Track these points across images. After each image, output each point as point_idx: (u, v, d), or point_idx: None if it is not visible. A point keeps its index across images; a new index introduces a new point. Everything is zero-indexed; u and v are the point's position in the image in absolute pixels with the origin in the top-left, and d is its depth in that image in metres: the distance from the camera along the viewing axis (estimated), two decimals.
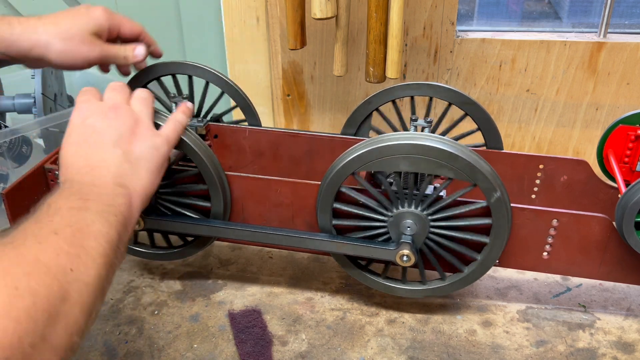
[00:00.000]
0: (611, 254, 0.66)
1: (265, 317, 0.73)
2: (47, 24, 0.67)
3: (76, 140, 0.56)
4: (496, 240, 0.64)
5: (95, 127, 0.56)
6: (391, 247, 0.65)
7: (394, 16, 0.80)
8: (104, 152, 0.54)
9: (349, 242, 0.66)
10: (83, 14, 0.68)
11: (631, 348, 0.68)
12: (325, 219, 0.67)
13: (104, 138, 0.55)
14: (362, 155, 0.62)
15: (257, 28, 1.04)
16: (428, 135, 0.62)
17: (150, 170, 0.56)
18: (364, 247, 0.66)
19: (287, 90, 1.06)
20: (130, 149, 0.56)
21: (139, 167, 0.56)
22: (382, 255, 0.66)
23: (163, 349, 0.68)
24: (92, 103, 0.58)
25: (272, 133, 0.82)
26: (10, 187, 0.71)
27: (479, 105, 0.76)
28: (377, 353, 0.68)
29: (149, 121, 0.59)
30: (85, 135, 0.55)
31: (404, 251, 0.65)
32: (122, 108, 0.58)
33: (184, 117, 0.64)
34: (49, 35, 0.66)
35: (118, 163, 0.54)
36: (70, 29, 0.67)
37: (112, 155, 0.54)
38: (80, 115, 0.57)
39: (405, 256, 0.65)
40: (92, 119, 0.56)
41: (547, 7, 1.19)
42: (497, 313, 0.74)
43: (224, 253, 0.85)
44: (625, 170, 0.76)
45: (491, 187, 0.61)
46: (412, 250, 0.64)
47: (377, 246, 0.66)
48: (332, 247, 0.67)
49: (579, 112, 1.01)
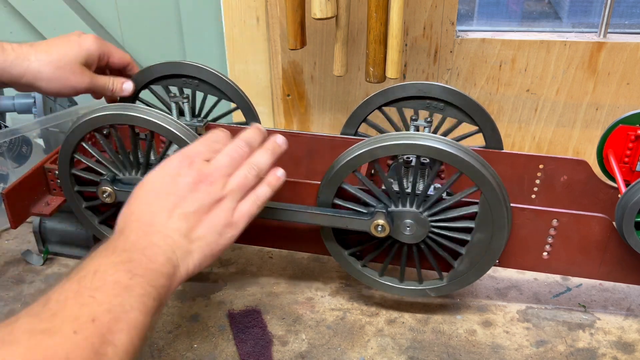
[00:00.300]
0: (611, 254, 0.66)
1: (265, 317, 0.73)
2: (39, 52, 0.68)
3: (157, 191, 0.53)
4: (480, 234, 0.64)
5: (182, 189, 0.53)
6: (365, 217, 0.64)
7: (394, 16, 0.80)
8: (171, 218, 0.52)
9: (323, 213, 0.65)
10: (74, 42, 0.70)
11: (631, 348, 0.68)
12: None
13: (182, 204, 0.53)
14: (361, 155, 0.62)
15: (257, 28, 1.04)
16: (428, 135, 0.62)
17: (205, 254, 0.53)
18: (339, 217, 0.65)
19: (287, 90, 1.06)
20: (197, 225, 0.53)
21: (194, 247, 0.52)
22: (356, 225, 0.65)
23: (163, 349, 0.68)
24: (197, 162, 0.55)
25: (272, 133, 0.82)
26: (10, 187, 0.71)
27: (479, 105, 0.76)
28: (377, 353, 0.68)
29: (233, 204, 0.55)
30: (168, 191, 0.53)
31: (378, 221, 0.64)
32: (217, 183, 0.54)
33: (266, 190, 0.58)
34: (40, 64, 0.68)
35: (177, 236, 0.51)
36: (62, 58, 0.69)
37: (177, 225, 0.52)
38: (176, 167, 0.54)
39: (380, 226, 0.64)
40: (185, 179, 0.54)
41: (547, 7, 1.19)
42: (497, 313, 0.74)
43: (224, 253, 0.85)
44: (625, 170, 0.76)
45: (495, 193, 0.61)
46: (387, 220, 0.63)
47: (352, 216, 0.65)
48: (307, 218, 0.66)
49: (579, 112, 1.01)
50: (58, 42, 0.70)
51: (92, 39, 0.71)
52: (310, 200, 0.68)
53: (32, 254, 0.84)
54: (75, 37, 0.71)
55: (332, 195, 0.66)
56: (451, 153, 0.60)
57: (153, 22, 1.14)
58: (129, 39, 1.16)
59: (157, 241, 0.50)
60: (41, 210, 0.75)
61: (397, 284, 0.71)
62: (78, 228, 0.81)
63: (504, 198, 0.62)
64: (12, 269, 0.82)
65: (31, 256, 0.84)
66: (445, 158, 0.61)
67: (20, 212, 0.73)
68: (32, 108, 0.94)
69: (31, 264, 0.83)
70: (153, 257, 0.49)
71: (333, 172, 0.65)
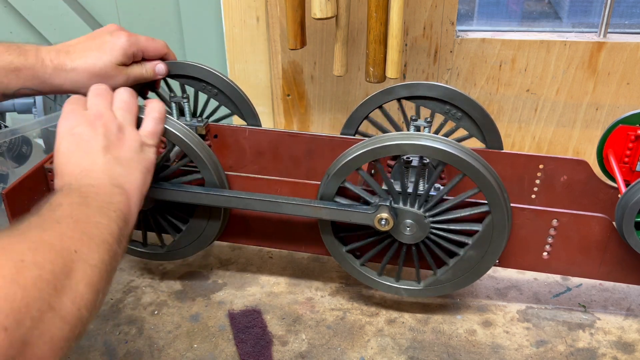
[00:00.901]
0: (611, 254, 0.66)
1: (265, 317, 0.73)
2: (75, 59, 0.70)
3: (67, 148, 0.58)
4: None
5: (83, 135, 0.58)
6: (370, 210, 0.64)
7: (394, 16, 0.80)
8: (96, 157, 0.57)
9: (328, 207, 0.65)
10: (108, 43, 0.71)
11: (631, 348, 0.68)
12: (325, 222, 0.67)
13: (94, 145, 0.57)
14: (360, 155, 0.62)
15: (257, 28, 1.04)
16: (427, 135, 0.62)
17: (142, 170, 0.59)
18: (343, 211, 0.65)
19: (287, 90, 1.06)
20: (119, 153, 0.58)
21: (131, 169, 0.58)
22: (360, 219, 0.65)
23: (163, 349, 0.68)
24: (78, 112, 0.60)
25: (272, 133, 0.82)
26: (10, 187, 0.71)
27: (478, 105, 0.76)
28: (377, 353, 0.68)
29: (132, 126, 0.61)
30: (75, 143, 0.58)
31: (382, 214, 0.63)
32: (106, 116, 0.60)
33: (159, 124, 0.65)
34: (77, 73, 0.70)
35: (111, 166, 0.56)
36: (97, 63, 0.70)
37: (105, 160, 0.57)
38: (67, 124, 0.59)
39: (384, 220, 0.64)
40: (80, 127, 0.58)
41: (547, 7, 1.19)
42: (497, 313, 0.74)
43: (224, 253, 0.85)
44: (625, 170, 0.76)
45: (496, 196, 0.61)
46: (391, 213, 0.63)
47: (355, 210, 0.65)
48: (310, 212, 0.66)
49: (579, 112, 1.01)
50: (92, 45, 0.71)
51: (124, 39, 0.72)
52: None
53: None
54: (109, 38, 0.72)
55: (334, 195, 0.66)
56: (452, 153, 0.60)
57: (153, 22, 1.14)
58: None
59: (97, 176, 0.55)
60: None
61: (376, 276, 0.71)
62: None
63: (506, 206, 0.62)
64: None
65: None
66: (446, 158, 0.61)
67: (20, 212, 0.73)
68: (32, 108, 0.94)
69: None
70: (99, 186, 0.54)
71: (333, 172, 0.65)
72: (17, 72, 0.68)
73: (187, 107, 0.81)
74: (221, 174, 0.68)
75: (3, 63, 0.67)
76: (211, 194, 0.67)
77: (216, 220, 0.71)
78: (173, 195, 0.68)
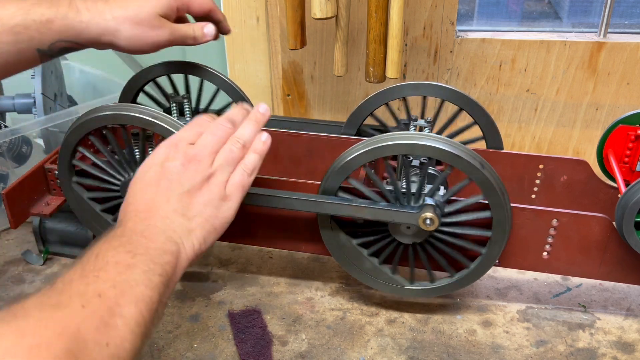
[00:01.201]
0: (611, 254, 0.66)
1: (265, 317, 0.73)
2: (114, 8, 0.65)
3: (149, 180, 0.54)
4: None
5: (172, 172, 0.54)
6: (414, 210, 0.63)
7: (394, 16, 0.80)
8: (168, 201, 0.53)
9: (368, 206, 0.63)
10: None
11: (631, 348, 0.68)
12: (325, 218, 0.67)
13: (174, 187, 0.54)
14: (360, 155, 0.62)
15: (257, 28, 1.04)
16: (427, 135, 0.62)
17: (206, 229, 0.54)
18: (385, 210, 0.63)
19: (287, 90, 1.06)
20: (192, 203, 0.54)
21: (194, 225, 0.53)
22: (403, 218, 0.63)
23: (163, 349, 0.68)
24: (181, 145, 0.56)
25: (272, 133, 0.82)
26: (10, 187, 0.71)
27: (478, 104, 0.76)
28: (377, 353, 0.68)
29: (224, 178, 0.56)
30: (159, 177, 0.54)
31: (427, 214, 0.62)
32: (204, 161, 0.56)
33: (255, 158, 0.59)
34: (117, 22, 0.65)
35: (176, 216, 0.53)
36: (139, 13, 0.65)
37: (174, 207, 0.53)
38: (164, 154, 0.56)
39: (429, 219, 0.62)
40: (173, 163, 0.55)
41: (547, 7, 1.19)
42: (497, 313, 0.74)
43: (224, 253, 0.85)
44: (625, 170, 0.76)
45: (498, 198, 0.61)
46: (436, 213, 0.62)
47: (398, 209, 0.63)
48: (350, 211, 0.64)
49: (579, 112, 1.01)
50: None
51: None
52: None
53: (32, 254, 0.84)
54: None
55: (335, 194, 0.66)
56: (452, 153, 0.60)
57: None
58: None
59: (155, 223, 0.51)
60: (41, 210, 0.75)
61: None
62: (78, 228, 0.81)
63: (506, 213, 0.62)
64: (12, 269, 0.82)
65: (31, 256, 0.83)
66: (446, 158, 0.61)
67: (20, 212, 0.73)
68: (32, 108, 0.94)
69: (31, 264, 0.83)
70: (152, 237, 0.50)
71: (333, 172, 0.65)
72: (49, 25, 0.62)
73: (188, 107, 0.81)
74: None
75: (34, 16, 0.62)
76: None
77: None
78: None
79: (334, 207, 0.64)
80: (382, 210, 0.63)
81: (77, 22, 0.63)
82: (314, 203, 0.65)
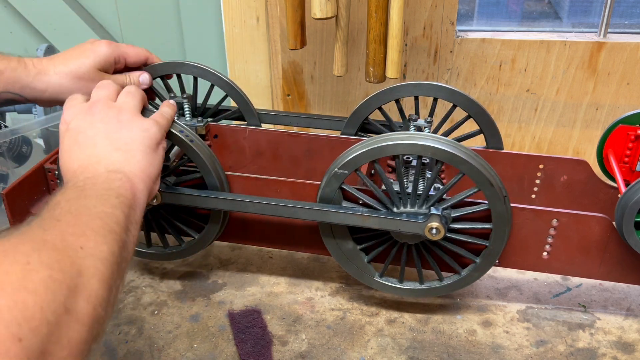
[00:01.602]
0: (611, 254, 0.66)
1: (265, 317, 0.73)
2: (57, 65, 0.70)
3: (67, 146, 0.57)
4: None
5: (79, 127, 0.57)
6: (419, 219, 0.63)
7: (394, 16, 0.80)
8: (93, 148, 0.55)
9: (374, 215, 0.64)
10: (89, 50, 0.72)
11: (631, 348, 0.68)
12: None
13: (90, 135, 0.56)
14: (360, 155, 0.62)
15: (257, 28, 1.04)
16: (427, 135, 0.62)
17: (144, 151, 0.57)
18: (390, 220, 0.63)
19: (287, 90, 1.06)
20: (117, 137, 0.56)
21: (131, 151, 0.56)
22: (409, 228, 0.63)
23: (163, 349, 0.68)
24: (74, 106, 0.59)
25: (271, 133, 0.82)
26: (10, 187, 0.71)
27: (479, 105, 0.76)
28: (377, 353, 0.68)
29: (133, 108, 0.60)
30: (73, 138, 0.57)
31: (433, 224, 0.62)
32: (102, 101, 0.59)
33: (169, 110, 0.65)
34: (60, 77, 0.70)
35: (107, 154, 0.55)
36: (79, 68, 0.71)
37: (101, 149, 0.55)
38: (64, 120, 0.59)
39: (435, 229, 0.62)
40: (75, 121, 0.58)
41: (547, 7, 1.19)
42: (497, 313, 0.74)
43: (224, 253, 0.85)
44: (625, 170, 0.76)
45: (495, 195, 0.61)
46: (442, 222, 0.62)
47: (403, 219, 0.63)
48: (357, 221, 0.65)
49: (579, 112, 1.01)
50: (74, 53, 0.72)
51: (105, 45, 0.73)
52: (310, 200, 0.68)
53: None
54: (89, 45, 0.73)
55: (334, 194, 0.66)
56: (452, 153, 0.60)
57: (153, 22, 1.14)
58: (129, 39, 1.16)
59: (95, 169, 0.54)
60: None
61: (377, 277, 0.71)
62: None
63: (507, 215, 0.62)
64: None
65: None
66: (446, 158, 0.61)
67: (20, 212, 0.73)
68: (32, 108, 0.95)
69: None
70: (96, 178, 0.52)
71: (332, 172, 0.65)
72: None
73: (187, 107, 0.81)
74: (221, 174, 0.68)
75: None
76: (247, 201, 0.67)
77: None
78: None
79: (338, 216, 0.65)
80: (388, 220, 0.64)
81: (24, 75, 0.69)
82: (319, 212, 0.65)
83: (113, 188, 0.51)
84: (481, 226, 0.64)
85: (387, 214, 0.64)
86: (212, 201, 0.67)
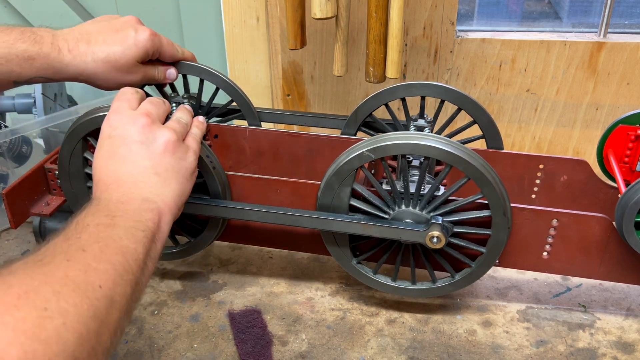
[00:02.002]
0: (611, 254, 0.66)
1: (265, 317, 0.73)
2: (97, 52, 0.67)
3: (106, 152, 0.56)
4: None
5: (124, 138, 0.56)
6: (420, 227, 0.63)
7: (394, 16, 0.79)
8: (133, 165, 0.54)
9: (375, 224, 0.64)
10: (132, 40, 0.68)
11: (631, 348, 0.68)
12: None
13: (134, 150, 0.55)
14: (361, 156, 0.62)
15: (257, 28, 1.04)
16: (427, 135, 0.62)
17: (179, 181, 0.57)
18: (391, 228, 0.64)
19: (287, 90, 1.06)
20: (159, 161, 0.56)
21: (167, 179, 0.55)
22: (410, 236, 0.64)
23: (163, 349, 0.68)
24: (122, 113, 0.58)
25: (272, 133, 0.82)
26: (10, 187, 0.71)
27: (479, 104, 0.76)
28: (377, 353, 0.68)
29: (179, 136, 0.59)
30: (115, 146, 0.55)
31: (433, 232, 0.62)
32: (155, 124, 0.58)
33: (198, 132, 0.65)
34: (97, 65, 0.67)
35: (146, 177, 0.54)
36: (120, 59, 0.68)
37: (141, 169, 0.54)
38: (110, 125, 0.57)
39: (435, 237, 0.62)
40: (121, 129, 0.56)
41: (547, 7, 1.19)
42: (497, 313, 0.74)
43: (224, 253, 0.85)
44: (625, 170, 0.76)
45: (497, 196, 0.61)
46: (443, 231, 0.62)
47: (404, 227, 0.64)
48: (358, 229, 0.65)
49: (579, 112, 1.01)
50: (116, 39, 0.68)
51: (148, 37, 0.69)
52: (311, 200, 0.68)
53: None
54: (132, 33, 0.69)
55: (333, 195, 0.66)
56: (452, 153, 0.60)
57: (153, 22, 1.14)
58: None
59: (129, 189, 0.53)
60: (41, 210, 0.75)
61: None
62: None
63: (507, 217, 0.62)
64: None
65: None
66: (447, 158, 0.61)
67: (20, 212, 0.73)
68: (32, 108, 0.94)
69: None
70: (129, 201, 0.51)
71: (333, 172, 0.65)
72: (31, 61, 0.64)
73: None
74: (222, 175, 0.68)
75: (17, 51, 0.64)
76: (252, 209, 0.67)
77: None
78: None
79: (341, 224, 0.65)
80: (390, 229, 0.64)
81: (57, 62, 0.66)
82: (322, 221, 0.65)
83: (142, 220, 0.50)
84: (482, 232, 0.64)
85: (389, 224, 0.64)
86: (214, 209, 0.67)
